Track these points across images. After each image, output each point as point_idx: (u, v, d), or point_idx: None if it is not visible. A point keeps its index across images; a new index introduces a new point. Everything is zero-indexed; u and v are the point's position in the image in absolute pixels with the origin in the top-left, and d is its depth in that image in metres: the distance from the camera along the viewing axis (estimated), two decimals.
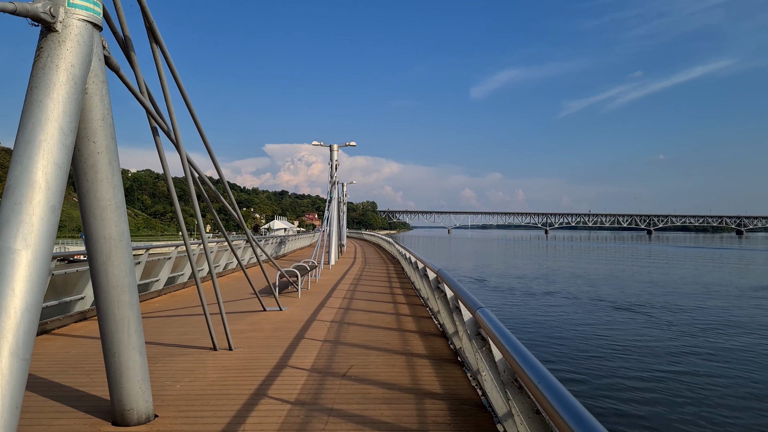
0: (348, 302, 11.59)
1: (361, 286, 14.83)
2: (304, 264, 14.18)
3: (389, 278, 17.52)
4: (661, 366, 15.32)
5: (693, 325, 21.51)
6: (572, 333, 19.74)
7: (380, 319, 9.39)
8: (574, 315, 23.95)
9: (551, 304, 26.81)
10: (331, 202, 23.57)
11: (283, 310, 10.45)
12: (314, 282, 15.74)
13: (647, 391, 12.83)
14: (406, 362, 6.37)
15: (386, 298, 12.35)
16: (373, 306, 11.02)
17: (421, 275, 11.06)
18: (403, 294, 13.07)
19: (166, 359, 6.51)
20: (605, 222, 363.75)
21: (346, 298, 12.30)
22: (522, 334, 18.79)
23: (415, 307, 10.95)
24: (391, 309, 10.67)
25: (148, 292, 12.08)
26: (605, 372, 14.34)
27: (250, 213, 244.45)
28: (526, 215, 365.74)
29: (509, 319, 21.81)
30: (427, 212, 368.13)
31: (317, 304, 11.30)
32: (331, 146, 24.17)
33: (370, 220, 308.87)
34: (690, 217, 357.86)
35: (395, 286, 15.11)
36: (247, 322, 9.09)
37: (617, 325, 21.52)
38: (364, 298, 12.36)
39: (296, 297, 12.33)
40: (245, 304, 11.27)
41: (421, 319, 9.48)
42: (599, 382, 13.47)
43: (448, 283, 6.38)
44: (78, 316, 9.31)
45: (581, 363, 15.21)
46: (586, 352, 16.62)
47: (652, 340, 19.19)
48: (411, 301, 11.85)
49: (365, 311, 10.27)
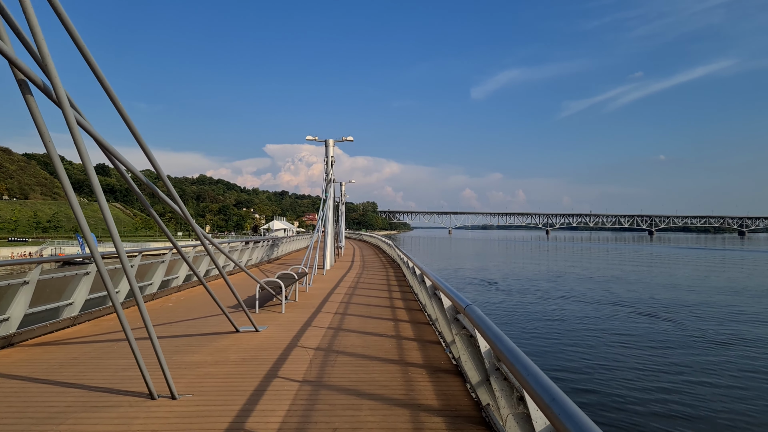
0: (340, 319, 9.78)
1: (357, 297, 13.01)
2: (291, 272, 12.36)
3: (389, 286, 15.71)
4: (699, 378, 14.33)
5: (732, 339, 19.86)
6: (598, 344, 18.10)
7: (377, 346, 7.56)
8: (598, 324, 22.38)
9: (577, 314, 25.16)
10: (327, 201, 21.74)
11: (260, 330, 8.63)
12: (304, 291, 13.93)
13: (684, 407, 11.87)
14: (411, 420, 4.55)
15: (385, 313, 10.54)
16: (369, 325, 9.20)
17: (431, 297, 9.26)
18: (405, 308, 11.24)
19: (78, 416, 4.69)
20: (606, 222, 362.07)
21: (338, 313, 10.47)
22: (551, 346, 17.20)
23: (419, 327, 9.13)
24: (391, 329, 8.85)
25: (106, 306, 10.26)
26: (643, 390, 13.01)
27: (250, 213, 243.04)
28: (527, 215, 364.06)
29: (535, 333, 20.11)
30: (428, 212, 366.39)
31: (303, 321, 9.49)
32: (327, 141, 22.35)
33: (371, 220, 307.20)
34: (692, 217, 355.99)
35: (395, 296, 13.30)
36: (210, 350, 7.27)
37: (649, 335, 20.00)
38: (360, 312, 10.54)
39: (279, 312, 10.52)
40: (216, 322, 9.44)
41: (427, 345, 7.67)
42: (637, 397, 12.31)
43: (480, 327, 4.15)
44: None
45: (616, 381, 13.87)
46: (623, 369, 15.27)
47: (681, 347, 17.92)
48: (414, 318, 10.02)
49: (359, 333, 8.46)
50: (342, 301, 12.27)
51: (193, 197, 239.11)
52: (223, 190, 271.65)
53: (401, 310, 10.92)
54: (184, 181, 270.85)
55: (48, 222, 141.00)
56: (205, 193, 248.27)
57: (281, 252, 30.27)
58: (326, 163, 22.22)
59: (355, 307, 11.27)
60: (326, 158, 22.27)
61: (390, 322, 9.48)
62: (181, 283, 13.63)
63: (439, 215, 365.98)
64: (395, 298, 12.92)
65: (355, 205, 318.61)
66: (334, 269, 21.96)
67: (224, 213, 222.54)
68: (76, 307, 9.19)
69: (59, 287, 9.03)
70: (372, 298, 12.75)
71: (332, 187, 22.39)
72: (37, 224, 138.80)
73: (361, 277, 18.76)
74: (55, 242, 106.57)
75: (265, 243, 24.35)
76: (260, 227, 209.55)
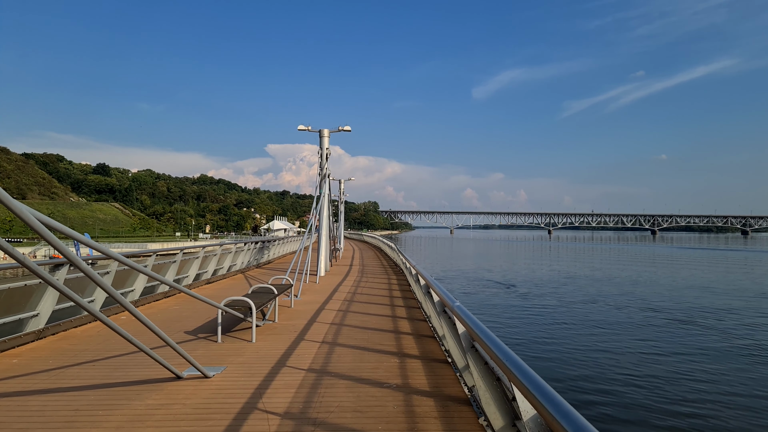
0: (327, 352, 7.29)
1: (353, 316, 10.51)
2: (270, 286, 9.85)
3: (391, 298, 13.21)
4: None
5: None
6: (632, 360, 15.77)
7: (378, 406, 5.09)
8: (629, 331, 20.18)
9: (609, 322, 22.85)
10: (321, 198, 19.25)
11: (211, 376, 6.15)
12: (288, 308, 11.45)
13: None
14: None
15: (388, 341, 8.06)
16: (366, 363, 6.74)
17: (441, 319, 6.79)
18: (413, 333, 8.73)
19: None
20: (609, 222, 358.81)
21: (326, 342, 7.98)
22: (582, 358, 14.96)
23: (433, 367, 6.65)
24: (396, 371, 6.37)
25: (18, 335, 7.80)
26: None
27: (251, 213, 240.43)
28: (529, 215, 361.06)
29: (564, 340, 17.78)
30: (430, 212, 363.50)
31: (277, 357, 7.02)
32: (321, 131, 19.82)
33: (372, 220, 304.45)
34: (695, 217, 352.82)
35: (400, 313, 10.80)
36: (120, 418, 4.79)
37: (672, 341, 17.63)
38: (355, 341, 8.05)
39: (249, 340, 8.04)
40: (162, 357, 6.97)
41: (450, 404, 5.19)
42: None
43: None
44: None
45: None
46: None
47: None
48: (427, 350, 7.53)
49: (353, 381, 5.97)
50: (333, 321, 9.77)
51: (193, 197, 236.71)
52: (224, 190, 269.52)
53: (408, 336, 8.42)
54: (185, 180, 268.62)
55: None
56: (206, 193, 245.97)
57: (273, 255, 27.74)
58: (320, 155, 19.70)
59: (350, 332, 8.78)
60: (320, 150, 19.75)
61: (394, 358, 6.98)
62: (137, 297, 11.16)
63: (441, 215, 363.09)
64: (399, 317, 10.42)
65: (357, 205, 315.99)
66: (329, 275, 19.48)
67: (224, 213, 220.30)
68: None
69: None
70: (371, 317, 10.26)
71: (327, 182, 19.89)
72: None
73: (360, 285, 16.28)
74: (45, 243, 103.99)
75: (255, 245, 21.76)
76: (260, 227, 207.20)
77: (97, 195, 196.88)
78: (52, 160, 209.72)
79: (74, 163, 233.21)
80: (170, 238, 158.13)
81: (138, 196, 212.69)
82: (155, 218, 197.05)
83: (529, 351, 18.07)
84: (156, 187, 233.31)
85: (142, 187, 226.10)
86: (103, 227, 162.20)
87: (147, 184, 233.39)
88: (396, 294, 14.02)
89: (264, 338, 8.24)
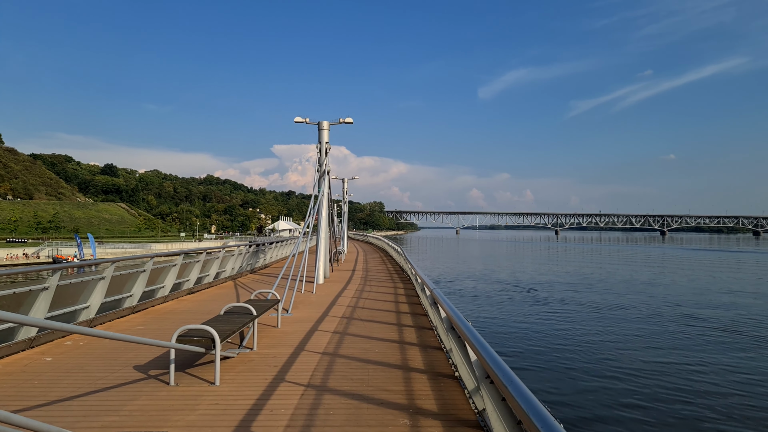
0: (311, 408, 5.35)
1: (350, 342, 8.57)
2: (247, 305, 7.90)
3: (398, 314, 11.27)
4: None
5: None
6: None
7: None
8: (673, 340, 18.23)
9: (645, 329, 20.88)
10: (320, 197, 17.34)
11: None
12: (274, 328, 9.53)
13: None
14: None
15: (393, 384, 6.12)
16: (365, 419, 4.82)
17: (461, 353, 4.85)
18: (426, 369, 6.78)
19: None
20: (617, 222, 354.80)
21: (313, 386, 6.00)
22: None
23: (452, 428, 4.71)
24: (407, 424, 4.46)
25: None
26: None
27: (256, 213, 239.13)
28: (536, 215, 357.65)
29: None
30: (435, 212, 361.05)
31: (240, 416, 5.06)
32: (320, 123, 17.90)
33: (378, 220, 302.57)
34: (705, 217, 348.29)
35: (408, 338, 8.86)
36: None
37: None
38: (350, 387, 6.07)
39: (211, 382, 6.12)
40: (104, 400, 5.08)
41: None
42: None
43: None
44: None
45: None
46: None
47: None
48: (446, 401, 5.59)
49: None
50: (325, 350, 7.82)
51: (199, 197, 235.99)
52: (230, 191, 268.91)
53: (421, 377, 6.47)
54: (191, 181, 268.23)
55: (48, 222, 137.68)
56: (212, 194, 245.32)
57: (270, 258, 25.84)
58: (319, 150, 17.77)
59: (345, 368, 6.83)
60: (319, 145, 17.82)
61: (404, 417, 5.04)
62: (93, 315, 9.27)
63: (447, 215, 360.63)
64: (409, 343, 8.46)
65: (362, 205, 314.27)
66: (328, 283, 17.55)
67: (230, 213, 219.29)
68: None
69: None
70: (373, 343, 8.31)
71: (327, 180, 17.97)
72: (37, 225, 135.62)
73: (362, 296, 14.34)
74: (54, 243, 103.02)
75: (246, 249, 19.82)
76: (265, 227, 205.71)
77: (104, 195, 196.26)
78: (60, 161, 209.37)
79: (82, 164, 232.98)
80: (175, 238, 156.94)
81: (144, 196, 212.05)
82: (161, 218, 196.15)
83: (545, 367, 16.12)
84: (162, 187, 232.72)
85: (149, 187, 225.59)
86: (109, 227, 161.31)
87: (154, 184, 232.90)
88: (403, 309, 12.06)
89: (232, 378, 6.32)
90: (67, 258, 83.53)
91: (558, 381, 15.48)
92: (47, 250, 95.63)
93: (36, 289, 7.56)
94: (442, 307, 5.95)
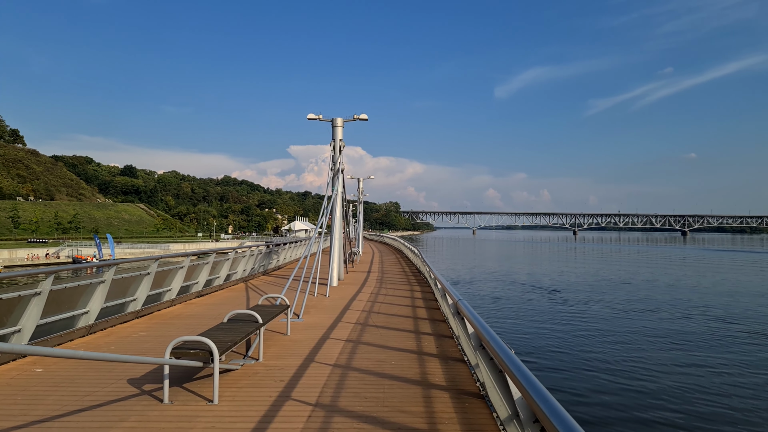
0: (324, 422, 4.73)
1: (365, 352, 7.92)
2: (252, 314, 7.29)
3: (415, 320, 10.60)
4: None
5: None
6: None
7: None
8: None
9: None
10: (333, 197, 16.75)
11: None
12: (283, 336, 8.93)
13: None
14: None
15: (412, 401, 5.47)
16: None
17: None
18: (448, 386, 6.10)
19: None
20: (637, 222, 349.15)
21: (321, 406, 5.36)
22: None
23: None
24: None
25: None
26: None
27: (273, 213, 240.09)
28: (553, 215, 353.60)
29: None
30: (451, 213, 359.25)
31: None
32: (334, 120, 17.31)
33: (393, 221, 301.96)
34: (727, 217, 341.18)
35: (427, 348, 8.19)
36: None
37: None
38: (364, 408, 5.41)
39: (209, 400, 5.51)
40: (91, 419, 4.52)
41: None
42: None
43: None
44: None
45: None
46: None
47: None
48: (468, 417, 4.91)
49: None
50: (337, 361, 7.17)
51: (217, 198, 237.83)
52: (246, 191, 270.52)
53: (443, 395, 5.80)
54: (208, 182, 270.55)
55: (69, 223, 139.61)
56: (229, 194, 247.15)
57: (284, 259, 25.32)
58: (333, 147, 17.17)
59: (359, 383, 6.18)
60: (333, 142, 17.23)
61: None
62: (93, 321, 8.76)
63: (463, 215, 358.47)
64: (428, 354, 7.78)
65: (378, 206, 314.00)
66: (342, 285, 16.95)
67: (247, 213, 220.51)
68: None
69: None
70: (389, 354, 7.66)
71: (341, 179, 17.36)
72: (58, 225, 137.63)
73: (378, 300, 13.69)
74: (74, 243, 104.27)
75: (260, 251, 19.29)
76: (282, 227, 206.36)
77: (123, 196, 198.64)
78: (81, 162, 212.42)
79: (102, 165, 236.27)
80: (192, 238, 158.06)
81: (163, 197, 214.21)
82: (179, 219, 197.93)
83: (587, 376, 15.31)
84: (180, 188, 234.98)
85: (167, 188, 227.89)
86: (128, 228, 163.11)
87: (172, 185, 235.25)
88: (421, 314, 11.39)
89: (233, 394, 5.71)
90: (86, 258, 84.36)
91: (586, 381, 14.69)
92: (67, 250, 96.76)
93: (27, 294, 7.05)
94: (470, 321, 5.25)
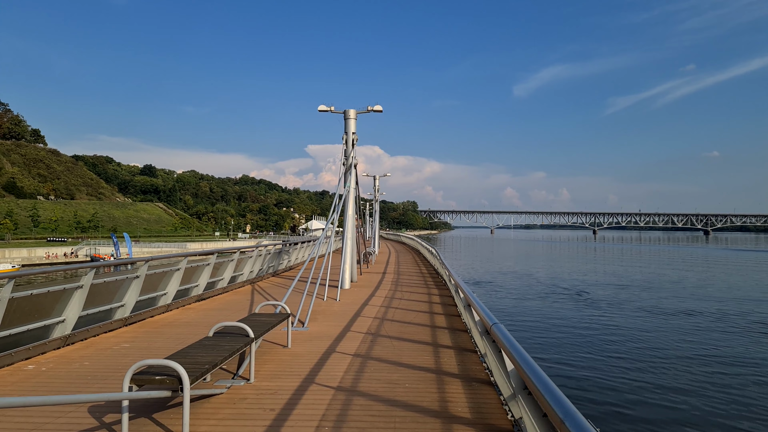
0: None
1: (375, 369, 6.83)
2: (242, 326, 6.23)
3: (433, 330, 9.47)
4: None
5: None
6: None
7: None
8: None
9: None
10: (346, 195, 15.68)
11: None
12: (284, 348, 7.88)
13: None
14: None
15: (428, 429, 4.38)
16: None
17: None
18: (473, 421, 4.98)
19: None
20: (658, 222, 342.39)
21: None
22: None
23: None
24: None
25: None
26: None
27: (290, 213, 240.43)
28: (572, 215, 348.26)
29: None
30: (469, 212, 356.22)
31: None
32: (346, 112, 16.23)
33: (411, 220, 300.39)
34: (751, 216, 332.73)
35: (447, 366, 7.06)
36: None
37: None
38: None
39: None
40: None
41: None
42: None
43: None
44: None
45: None
46: None
47: None
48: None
49: None
50: (341, 384, 6.06)
51: (235, 197, 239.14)
52: (264, 190, 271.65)
53: (467, 430, 4.68)
54: (227, 181, 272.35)
55: (88, 222, 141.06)
56: (247, 193, 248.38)
57: (295, 259, 24.34)
58: (345, 141, 16.10)
59: (367, 412, 5.11)
60: (345, 135, 16.16)
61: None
62: (69, 331, 7.80)
63: (481, 214, 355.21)
64: (446, 373, 6.65)
65: (395, 205, 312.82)
66: (355, 287, 15.89)
67: (264, 213, 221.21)
68: None
69: None
70: (403, 373, 6.55)
71: (353, 174, 16.28)
72: (77, 224, 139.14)
73: (392, 305, 12.57)
74: (92, 242, 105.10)
75: (268, 251, 18.31)
76: (299, 227, 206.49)
77: (142, 195, 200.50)
78: (102, 162, 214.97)
79: (122, 165, 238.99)
80: (209, 237, 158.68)
81: (182, 196, 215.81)
82: (197, 218, 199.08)
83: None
84: (199, 187, 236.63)
85: (186, 187, 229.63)
86: (147, 227, 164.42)
87: (191, 184, 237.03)
88: (439, 322, 10.25)
89: (210, 429, 4.65)
90: (104, 257, 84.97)
91: (618, 395, 13.44)
92: (85, 249, 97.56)
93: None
94: (506, 351, 4.09)
